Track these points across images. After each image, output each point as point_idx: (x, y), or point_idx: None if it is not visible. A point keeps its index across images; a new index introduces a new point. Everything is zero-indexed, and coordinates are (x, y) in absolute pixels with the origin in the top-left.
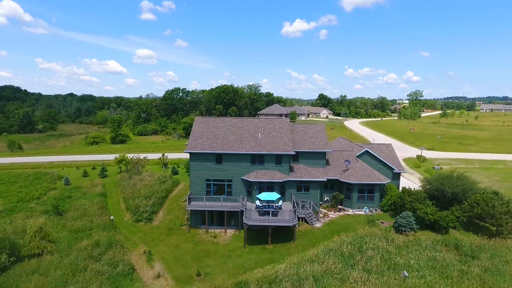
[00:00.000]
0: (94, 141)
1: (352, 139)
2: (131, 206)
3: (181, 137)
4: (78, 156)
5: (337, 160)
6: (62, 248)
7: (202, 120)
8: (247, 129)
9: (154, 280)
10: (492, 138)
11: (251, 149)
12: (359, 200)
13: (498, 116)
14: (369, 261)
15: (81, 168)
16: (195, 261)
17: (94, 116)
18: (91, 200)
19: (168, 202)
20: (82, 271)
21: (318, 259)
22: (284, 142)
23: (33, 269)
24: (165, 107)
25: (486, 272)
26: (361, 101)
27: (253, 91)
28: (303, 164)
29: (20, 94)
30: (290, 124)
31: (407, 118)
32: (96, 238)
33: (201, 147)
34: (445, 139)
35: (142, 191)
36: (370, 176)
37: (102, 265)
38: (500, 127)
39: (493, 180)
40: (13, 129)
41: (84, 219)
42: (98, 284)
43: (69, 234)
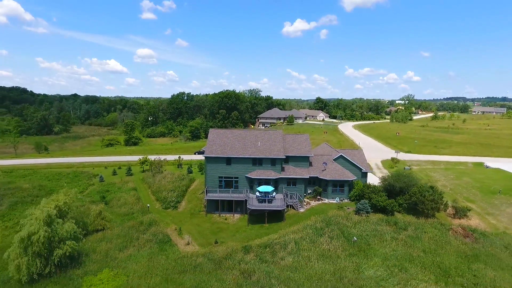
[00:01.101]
0: (110, 143)
1: (342, 142)
2: (159, 197)
3: (187, 139)
4: (102, 157)
5: (318, 162)
6: (116, 226)
7: (215, 132)
8: (250, 138)
9: (185, 246)
10: (464, 142)
11: (252, 154)
12: (333, 192)
13: (487, 119)
14: (333, 231)
15: (109, 168)
16: (212, 234)
17: (103, 118)
18: (127, 193)
19: (188, 194)
20: (135, 239)
21: (298, 231)
22: (277, 149)
23: (100, 239)
24: (171, 110)
25: (409, 237)
26: (357, 104)
27: (254, 95)
28: (292, 165)
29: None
30: (282, 134)
31: (398, 121)
32: (139, 219)
33: (215, 153)
34: (423, 143)
35: (167, 186)
36: (341, 174)
37: (148, 236)
38: (480, 131)
39: (448, 178)
40: (31, 131)
41: (126, 206)
42: (148, 247)
43: (118, 217)
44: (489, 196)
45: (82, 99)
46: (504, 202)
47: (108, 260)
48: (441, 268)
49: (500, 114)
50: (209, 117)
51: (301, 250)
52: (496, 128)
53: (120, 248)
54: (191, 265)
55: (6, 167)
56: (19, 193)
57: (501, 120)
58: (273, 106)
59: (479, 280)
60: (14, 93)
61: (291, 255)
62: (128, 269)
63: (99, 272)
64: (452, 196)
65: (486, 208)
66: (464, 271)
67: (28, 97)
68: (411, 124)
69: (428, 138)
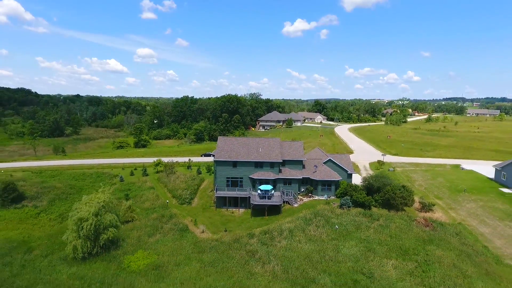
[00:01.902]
0: (121, 145)
1: (336, 145)
2: (175, 194)
3: (192, 141)
4: (117, 159)
5: (311, 165)
6: (142, 218)
7: (223, 139)
8: (252, 145)
9: (200, 233)
10: (449, 145)
11: (255, 158)
12: (322, 190)
13: (479, 121)
14: (319, 221)
15: (126, 169)
16: (222, 224)
17: (109, 120)
18: (146, 191)
19: (199, 192)
20: (160, 228)
21: (292, 221)
22: (275, 154)
23: (131, 228)
24: (175, 113)
25: (380, 226)
26: (354, 106)
27: (254, 99)
28: (288, 168)
29: (31, 97)
30: (280, 141)
31: (393, 124)
32: (161, 212)
33: (223, 157)
34: (411, 146)
35: (181, 185)
36: (329, 175)
37: (170, 225)
38: (468, 133)
39: (425, 178)
40: (44, 133)
41: (147, 202)
42: (171, 234)
43: (142, 211)
44: (455, 194)
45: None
46: (466, 199)
47: (141, 243)
48: (402, 249)
49: (492, 116)
50: (212, 120)
51: (293, 235)
52: (485, 130)
53: (149, 235)
54: (207, 247)
55: (35, 169)
56: (54, 191)
57: (493, 122)
58: (273, 108)
59: (429, 257)
60: (19, 94)
61: (286, 239)
62: (157, 250)
63: (135, 252)
64: (425, 194)
65: (450, 204)
66: (420, 251)
67: (33, 98)
68: (405, 126)
69: (416, 142)
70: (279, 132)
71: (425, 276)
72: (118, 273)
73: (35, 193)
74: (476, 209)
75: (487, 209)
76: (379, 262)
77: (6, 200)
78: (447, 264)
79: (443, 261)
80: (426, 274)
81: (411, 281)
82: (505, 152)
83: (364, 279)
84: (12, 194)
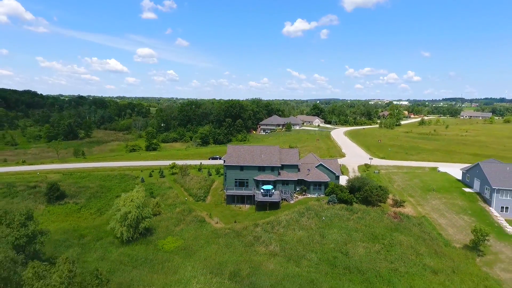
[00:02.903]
0: (133, 148)
1: (331, 149)
2: (191, 193)
3: (198, 145)
4: (135, 162)
5: (305, 168)
6: (167, 212)
7: (232, 147)
8: (256, 152)
9: (215, 224)
10: (434, 148)
11: (258, 163)
12: (314, 189)
13: (471, 124)
14: (310, 214)
15: (144, 171)
16: (232, 217)
17: (116, 123)
18: (167, 190)
19: (211, 191)
20: (183, 220)
21: (288, 214)
22: (275, 159)
23: (159, 220)
24: (181, 117)
25: (357, 218)
26: (351, 109)
27: (256, 103)
28: (285, 171)
29: (37, 99)
30: (279, 149)
31: (386, 127)
32: (181, 208)
33: (232, 162)
34: (398, 150)
35: (195, 185)
36: (319, 177)
37: (191, 218)
38: (456, 137)
39: (403, 179)
40: (59, 136)
41: (169, 200)
42: (193, 224)
43: (166, 206)
44: (426, 192)
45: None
46: (433, 197)
47: (169, 231)
48: (373, 235)
49: (484, 118)
50: (215, 124)
51: (289, 225)
52: (472, 134)
53: (175, 225)
54: (222, 234)
55: (65, 170)
56: (89, 190)
57: (483, 125)
58: (273, 112)
59: (393, 241)
60: (26, 96)
61: (283, 228)
62: (183, 236)
63: (166, 237)
64: (400, 192)
65: (419, 201)
66: (387, 237)
67: (39, 100)
68: (397, 130)
69: (404, 145)
70: (279, 135)
71: (387, 254)
72: (156, 252)
73: (74, 192)
74: (439, 205)
75: (448, 205)
76: (354, 244)
77: (52, 198)
78: (406, 246)
79: (403, 244)
80: (389, 252)
81: (376, 257)
82: (482, 155)
83: (341, 256)
84: (56, 193)
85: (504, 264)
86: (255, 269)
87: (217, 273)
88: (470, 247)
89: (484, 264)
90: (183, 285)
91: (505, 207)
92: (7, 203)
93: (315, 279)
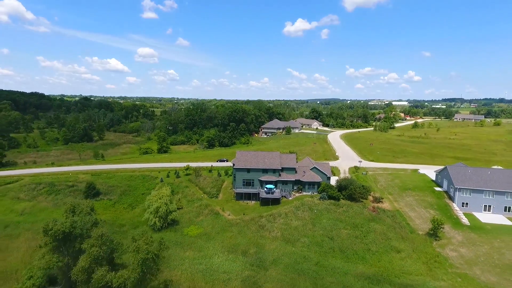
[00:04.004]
0: (146, 151)
1: (326, 152)
2: (205, 191)
3: (205, 147)
4: (152, 164)
5: (301, 170)
6: (188, 206)
7: (240, 153)
8: (261, 157)
9: (227, 216)
10: (420, 152)
11: (262, 166)
12: (308, 188)
13: (462, 126)
14: (305, 208)
15: (162, 172)
16: (241, 210)
17: (125, 125)
18: (184, 189)
19: (222, 189)
20: (201, 213)
21: (287, 208)
22: (276, 163)
23: (182, 213)
24: (187, 121)
25: (342, 211)
26: (348, 112)
27: (257, 108)
28: (285, 173)
29: (45, 101)
30: (280, 154)
31: (380, 131)
32: (199, 203)
33: (241, 165)
34: (386, 153)
35: (208, 185)
36: (313, 178)
37: (207, 211)
38: (443, 140)
39: (386, 180)
40: (75, 139)
41: (188, 196)
42: (210, 216)
43: (186, 202)
44: (403, 191)
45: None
46: (408, 194)
47: (191, 221)
48: (354, 224)
49: (476, 121)
50: (220, 127)
51: (288, 216)
52: (460, 137)
53: (195, 216)
54: (234, 223)
55: (92, 171)
56: (119, 189)
57: (473, 128)
58: (273, 115)
59: (370, 229)
60: (34, 98)
61: (283, 218)
62: (203, 225)
63: (189, 226)
64: (382, 191)
65: (396, 198)
66: (364, 225)
67: (46, 102)
68: (390, 133)
69: (393, 149)
70: (279, 138)
71: (364, 238)
72: (183, 237)
73: (106, 190)
74: (412, 201)
75: (419, 201)
76: (338, 231)
77: (89, 195)
78: (379, 232)
79: (377, 231)
80: (365, 237)
81: (355, 241)
82: (462, 158)
83: (327, 239)
84: (93, 191)
85: (453, 246)
86: (260, 248)
87: (232, 251)
88: (430, 234)
89: (438, 246)
90: (208, 259)
91: (465, 203)
92: (53, 199)
93: (306, 255)
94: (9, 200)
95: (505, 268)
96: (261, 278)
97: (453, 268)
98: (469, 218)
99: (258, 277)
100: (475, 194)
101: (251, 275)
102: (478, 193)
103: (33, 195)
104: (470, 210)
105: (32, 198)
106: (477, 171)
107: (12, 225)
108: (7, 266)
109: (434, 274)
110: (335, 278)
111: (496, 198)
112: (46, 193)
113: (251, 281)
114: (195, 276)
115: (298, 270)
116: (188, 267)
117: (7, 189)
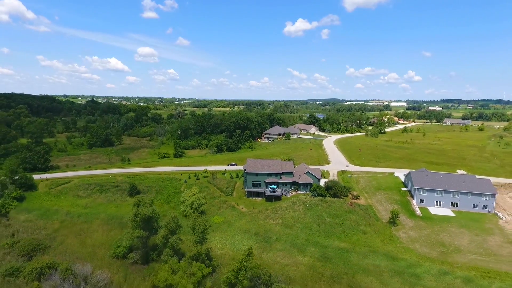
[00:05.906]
0: (164, 156)
1: (320, 157)
2: (222, 190)
3: (214, 152)
4: (173, 167)
5: (297, 174)
6: (210, 201)
7: (250, 161)
8: (266, 164)
9: (242, 209)
10: (400, 157)
11: (267, 171)
12: (303, 188)
13: (448, 131)
14: (299, 203)
15: (183, 174)
16: (251, 205)
17: (138, 130)
18: (205, 188)
19: (235, 189)
20: (221, 206)
21: (286, 203)
22: (278, 169)
23: (207, 206)
24: (196, 127)
25: (327, 205)
26: (342, 117)
27: (260, 115)
28: (285, 176)
29: (55, 104)
30: (281, 162)
31: (372, 136)
32: (219, 199)
33: (251, 170)
34: (371, 158)
35: (224, 185)
36: (307, 180)
37: (226, 205)
38: (425, 145)
39: (366, 181)
40: (97, 144)
41: (209, 194)
42: (228, 209)
43: (210, 199)
44: (376, 190)
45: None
46: (380, 193)
47: (215, 213)
48: (335, 215)
49: (463, 125)
50: (227, 134)
51: (287, 210)
52: (442, 142)
53: (217, 209)
54: (247, 214)
55: (127, 174)
56: (154, 188)
57: (458, 133)
58: (274, 121)
59: (347, 218)
60: (45, 101)
61: (283, 211)
62: (224, 215)
63: (214, 216)
64: (360, 190)
65: (370, 196)
66: (343, 216)
67: (57, 105)
68: (380, 138)
69: (378, 154)
70: (279, 144)
71: (342, 225)
72: (212, 222)
73: (144, 189)
74: (381, 199)
75: (388, 198)
76: (323, 219)
77: (132, 193)
78: (353, 221)
79: (352, 219)
80: (343, 224)
81: (335, 226)
82: (434, 163)
83: (315, 225)
84: (135, 190)
85: (405, 230)
86: (267, 231)
87: (247, 233)
88: (390, 222)
89: (395, 230)
90: (231, 237)
91: (422, 199)
92: (105, 196)
93: (299, 235)
94: (71, 197)
95: (436, 243)
96: (268, 248)
97: (401, 244)
98: (423, 211)
99: (266, 248)
100: (429, 192)
101: (261, 246)
102: (431, 192)
103: (88, 193)
104: (425, 205)
105: (89, 195)
106: (434, 175)
107: (82, 216)
108: (95, 241)
109: (386, 247)
110: (318, 249)
111: (445, 196)
112: (98, 192)
113: (262, 250)
114: (224, 247)
115: (293, 244)
116: (219, 242)
117: (66, 189)
